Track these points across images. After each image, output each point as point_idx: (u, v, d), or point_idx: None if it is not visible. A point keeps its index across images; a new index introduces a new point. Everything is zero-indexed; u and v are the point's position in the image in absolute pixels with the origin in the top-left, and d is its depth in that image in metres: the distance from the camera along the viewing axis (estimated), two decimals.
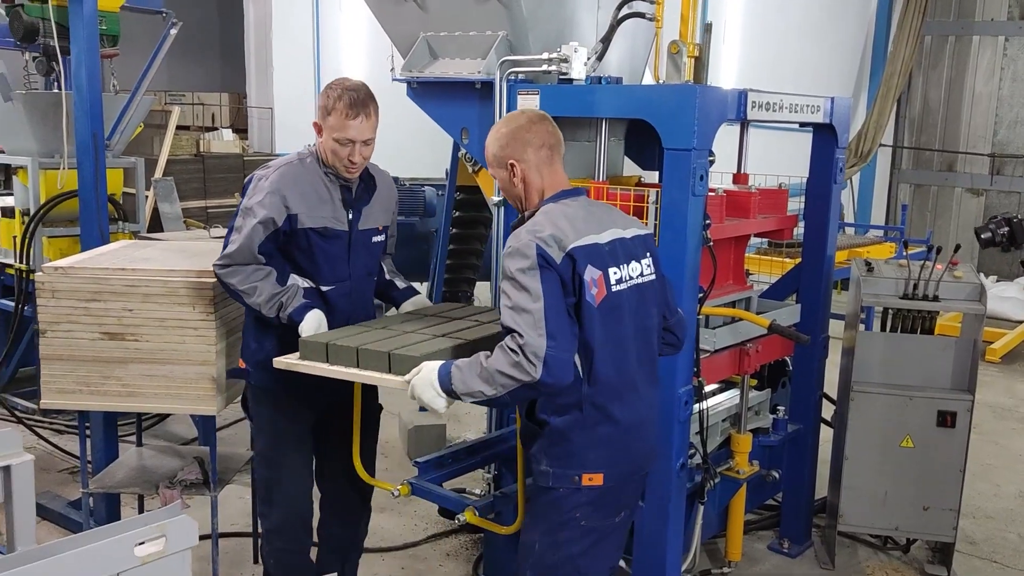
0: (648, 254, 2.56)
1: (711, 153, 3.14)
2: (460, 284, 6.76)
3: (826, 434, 4.15)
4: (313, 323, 2.85)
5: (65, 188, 5.08)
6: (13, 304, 5.40)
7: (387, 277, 3.31)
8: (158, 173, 8.56)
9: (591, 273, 2.35)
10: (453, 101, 3.68)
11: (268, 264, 2.91)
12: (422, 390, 2.37)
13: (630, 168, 4.09)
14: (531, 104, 3.35)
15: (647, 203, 3.13)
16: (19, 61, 5.92)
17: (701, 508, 3.36)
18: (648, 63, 4.25)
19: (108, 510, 3.74)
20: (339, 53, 12.44)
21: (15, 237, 5.48)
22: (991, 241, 7.77)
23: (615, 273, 2.42)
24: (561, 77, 3.34)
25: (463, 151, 3.93)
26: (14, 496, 2.22)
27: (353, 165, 2.93)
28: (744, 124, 3.86)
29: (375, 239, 3.12)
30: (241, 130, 11.64)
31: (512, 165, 2.49)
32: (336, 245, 2.98)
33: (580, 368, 2.36)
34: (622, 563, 3.31)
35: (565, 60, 3.30)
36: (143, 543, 1.71)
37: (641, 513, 3.21)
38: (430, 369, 2.37)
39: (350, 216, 3.00)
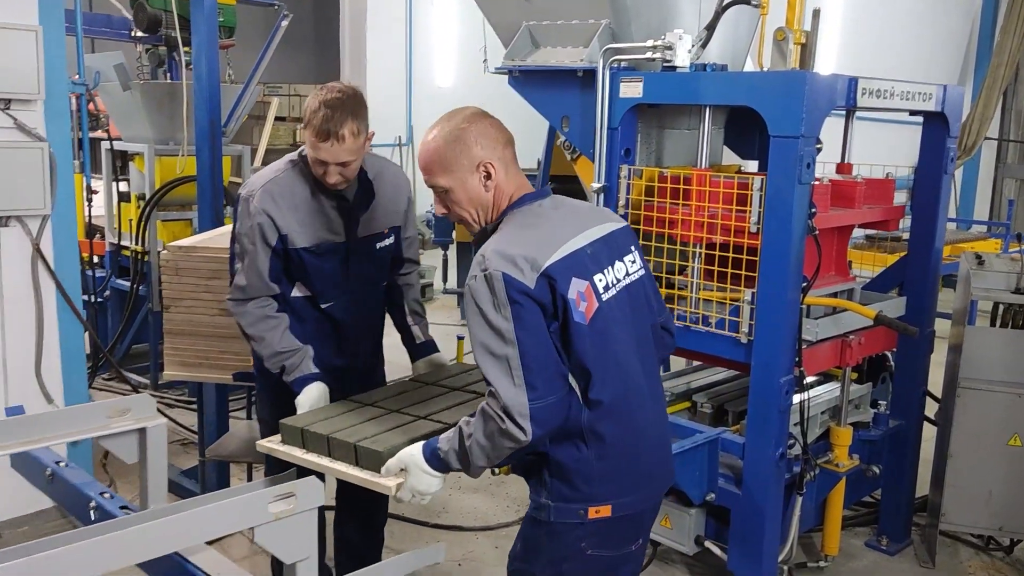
0: (632, 248, 2.26)
1: (818, 141, 3.11)
2: None
3: (927, 432, 4.05)
4: (310, 399, 2.66)
5: (184, 173, 5.32)
6: (129, 284, 5.70)
7: (407, 320, 3.03)
8: (257, 162, 8.86)
9: (576, 288, 2.03)
10: (555, 89, 3.73)
11: (280, 286, 2.77)
12: (424, 486, 2.14)
13: (728, 157, 4.08)
14: (634, 92, 3.37)
15: (751, 190, 3.11)
16: (133, 53, 6.22)
17: (799, 500, 3.34)
18: (749, 51, 4.21)
19: (219, 478, 3.93)
20: (431, 47, 12.66)
21: (131, 220, 5.79)
22: None
23: (601, 280, 2.10)
24: (665, 65, 3.34)
25: (561, 139, 3.98)
26: (148, 456, 2.38)
27: (332, 185, 2.70)
28: (850, 112, 3.80)
29: (380, 244, 2.89)
30: None
31: (487, 167, 2.11)
32: (332, 260, 2.79)
33: (578, 393, 2.06)
34: (717, 549, 3.32)
35: (669, 47, 3.30)
36: (275, 500, 1.83)
37: (738, 501, 3.21)
38: (415, 464, 2.13)
39: (346, 225, 2.79)
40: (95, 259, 6.06)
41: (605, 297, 2.10)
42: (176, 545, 1.83)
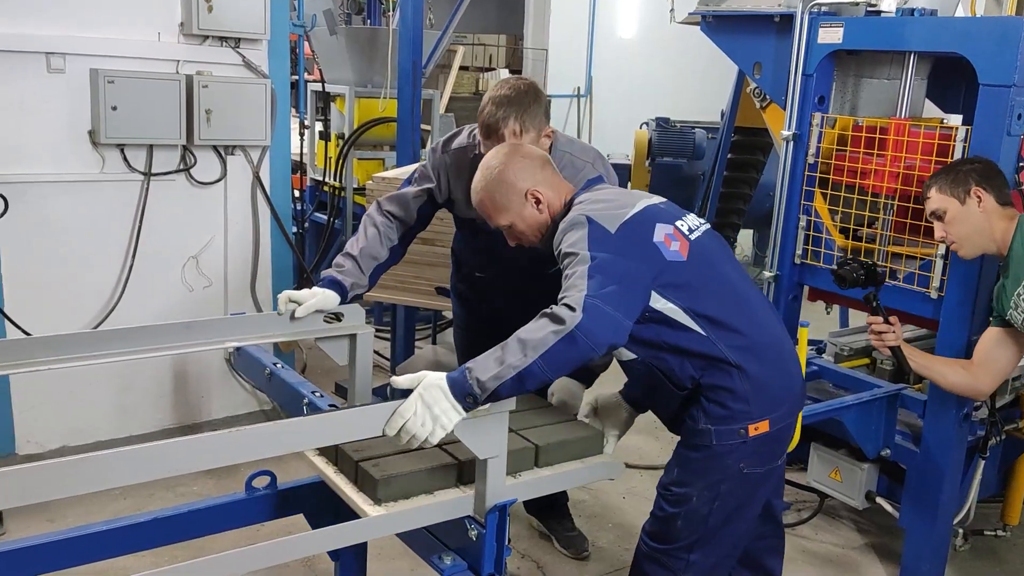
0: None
1: None
2: (724, 229, 6.75)
3: None
4: (315, 296, 2.57)
5: (385, 114, 5.64)
6: (326, 218, 6.15)
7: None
8: (441, 109, 9.22)
9: (662, 231, 2.15)
10: (748, 35, 3.69)
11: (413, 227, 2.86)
12: (433, 399, 1.89)
13: (928, 112, 3.90)
14: (833, 37, 3.29)
15: (954, 142, 3.00)
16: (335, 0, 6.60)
17: (981, 463, 3.23)
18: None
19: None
20: None
21: (330, 158, 6.22)
22: None
23: (683, 224, 2.22)
24: (869, 9, 3.24)
25: (751, 87, 3.93)
26: (357, 360, 2.64)
27: None
28: None
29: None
30: (515, 71, 12.14)
31: (535, 194, 2.28)
32: (483, 241, 2.85)
33: (700, 329, 2.14)
34: (888, 506, 3.29)
35: None
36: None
37: (915, 459, 3.16)
38: (431, 382, 1.91)
39: None
40: (295, 193, 6.55)
41: (693, 237, 2.22)
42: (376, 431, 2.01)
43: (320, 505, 2.34)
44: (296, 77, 5.62)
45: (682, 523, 2.24)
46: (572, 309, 1.94)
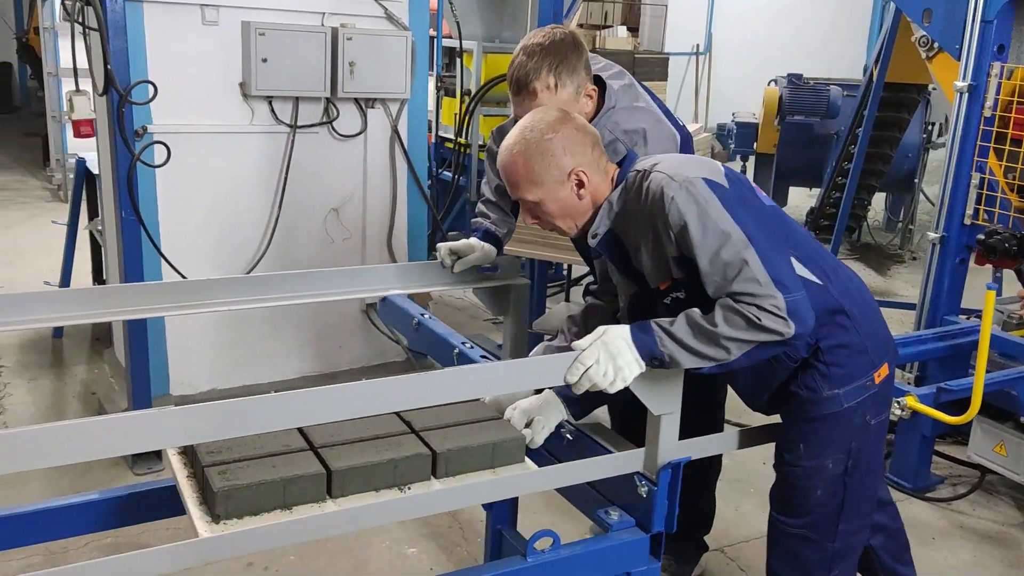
0: None
1: None
2: (859, 192, 6.44)
3: None
4: (470, 246, 2.50)
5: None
6: (451, 175, 6.16)
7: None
8: None
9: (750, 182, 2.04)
10: None
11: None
12: (617, 350, 1.82)
13: None
14: None
15: None
16: None
17: None
18: None
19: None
20: None
21: (455, 115, 6.21)
22: None
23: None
24: None
25: (916, 36, 3.70)
26: (512, 310, 2.62)
27: None
28: None
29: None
30: (632, 29, 11.86)
31: (579, 175, 1.96)
32: None
33: (815, 276, 2.00)
34: None
35: None
36: None
37: None
38: (615, 334, 1.84)
39: None
40: None
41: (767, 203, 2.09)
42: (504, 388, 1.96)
43: None
44: (434, 32, 5.61)
45: (822, 492, 2.15)
46: (781, 319, 1.80)
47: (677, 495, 2.02)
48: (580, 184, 1.97)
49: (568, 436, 2.19)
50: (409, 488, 1.82)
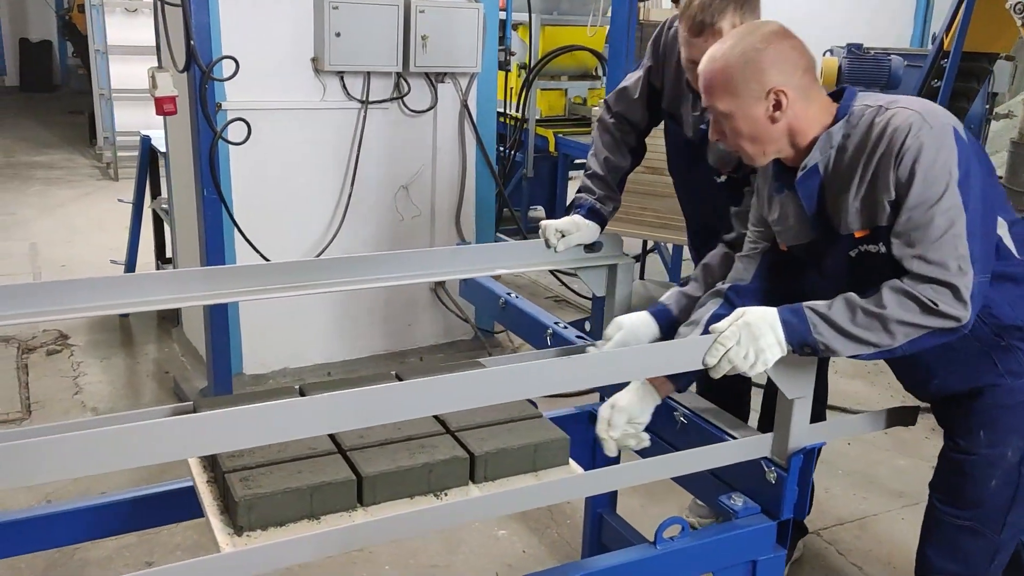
0: None
1: None
2: None
3: None
4: (570, 223, 2.42)
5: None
6: (507, 150, 6.07)
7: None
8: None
9: None
10: None
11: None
12: (759, 332, 1.73)
13: None
14: None
15: None
16: None
17: None
18: None
19: None
20: None
21: (510, 89, 6.11)
22: None
23: None
24: None
25: (1011, 2, 3.55)
26: (616, 290, 2.55)
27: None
28: None
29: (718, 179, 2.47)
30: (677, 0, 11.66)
31: (779, 94, 1.75)
32: (681, 148, 2.58)
33: (1015, 249, 1.87)
34: None
35: None
36: None
37: None
38: (757, 315, 1.74)
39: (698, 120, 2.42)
40: None
41: None
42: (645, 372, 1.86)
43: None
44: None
45: (997, 483, 2.03)
46: (962, 301, 1.66)
47: (809, 482, 1.96)
48: (777, 105, 1.76)
49: (682, 420, 2.13)
50: (446, 495, 1.68)
